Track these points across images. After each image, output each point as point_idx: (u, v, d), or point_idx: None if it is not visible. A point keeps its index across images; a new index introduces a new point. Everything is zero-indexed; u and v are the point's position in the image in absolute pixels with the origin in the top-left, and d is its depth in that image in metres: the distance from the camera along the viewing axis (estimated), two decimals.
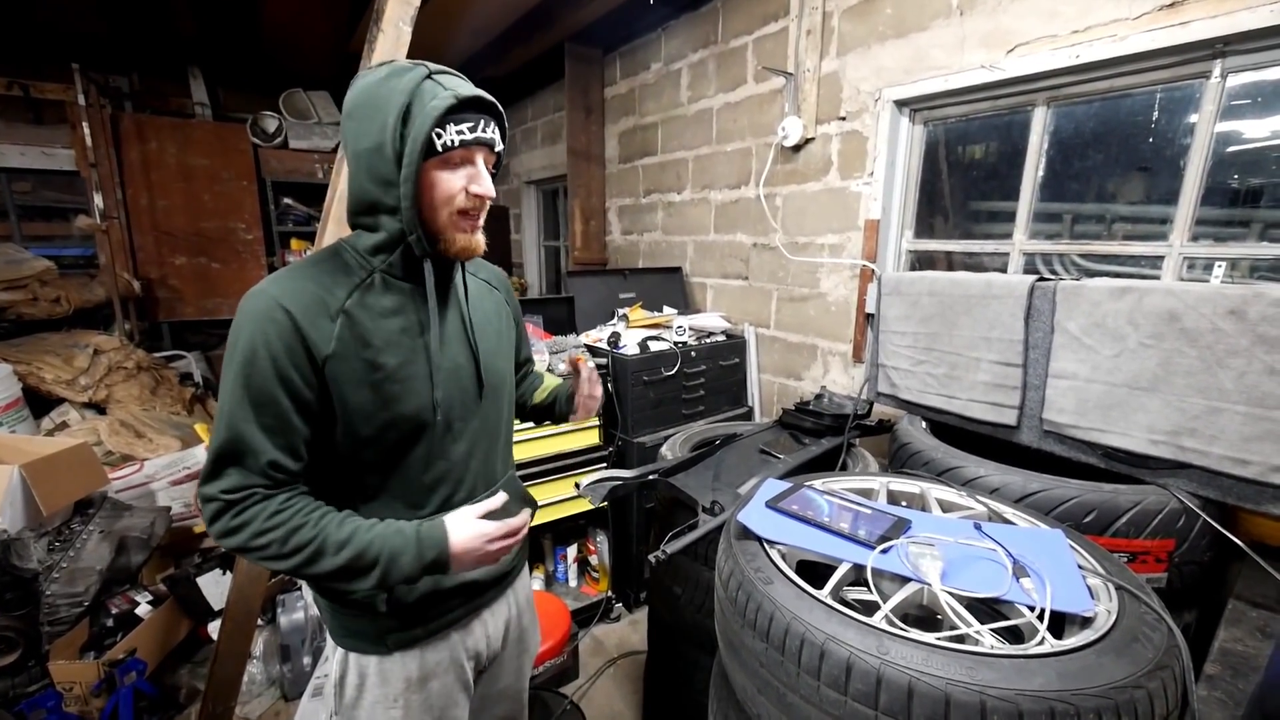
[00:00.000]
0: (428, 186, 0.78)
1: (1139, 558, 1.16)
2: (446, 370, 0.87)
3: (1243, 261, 1.46)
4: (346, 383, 0.78)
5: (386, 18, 1.51)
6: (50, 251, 3.37)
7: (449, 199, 0.79)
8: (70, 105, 3.29)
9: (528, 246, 4.79)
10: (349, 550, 0.76)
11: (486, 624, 1.01)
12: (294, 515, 0.76)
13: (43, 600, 1.76)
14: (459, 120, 0.76)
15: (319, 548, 0.76)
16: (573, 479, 2.25)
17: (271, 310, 0.74)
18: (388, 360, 0.80)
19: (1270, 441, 1.07)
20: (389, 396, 0.81)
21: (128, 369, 3.03)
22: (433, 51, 3.44)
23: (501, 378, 0.98)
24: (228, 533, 0.75)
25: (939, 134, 2.05)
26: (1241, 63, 1.39)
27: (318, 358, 0.76)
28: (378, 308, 0.81)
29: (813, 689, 0.76)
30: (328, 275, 0.80)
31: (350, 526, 0.79)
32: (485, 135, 0.79)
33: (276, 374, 0.74)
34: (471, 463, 0.93)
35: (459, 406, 0.89)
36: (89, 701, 1.74)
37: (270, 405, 0.74)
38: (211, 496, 0.75)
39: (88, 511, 2.03)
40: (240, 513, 0.75)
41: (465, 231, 0.82)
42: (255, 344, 0.73)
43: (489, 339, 0.95)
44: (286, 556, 0.75)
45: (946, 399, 1.57)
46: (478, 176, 0.80)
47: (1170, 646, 0.75)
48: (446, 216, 0.80)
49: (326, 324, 0.76)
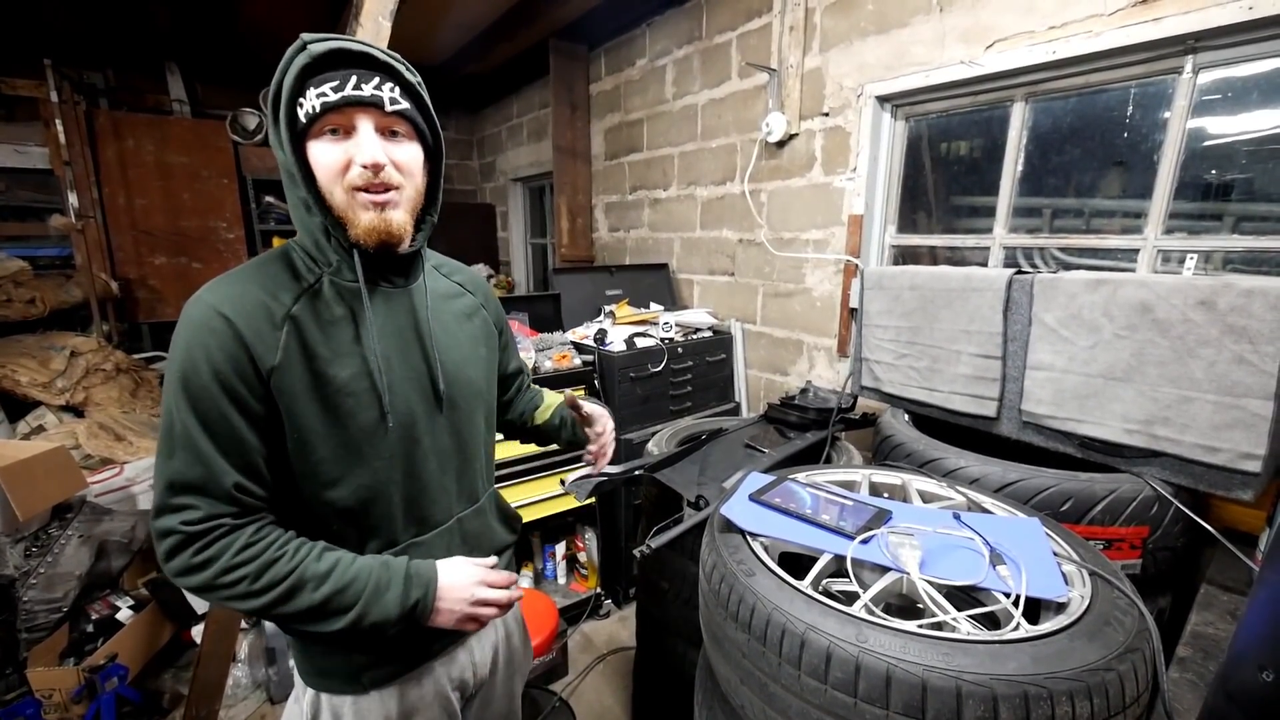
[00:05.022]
0: (313, 165, 0.69)
1: (1114, 544, 1.19)
2: (402, 378, 0.79)
3: (1215, 254, 1.49)
4: (295, 397, 0.71)
5: (365, 11, 1.50)
6: (25, 252, 3.29)
7: (334, 176, 0.69)
8: (43, 102, 3.21)
9: (515, 244, 4.77)
10: (329, 585, 0.70)
11: (473, 651, 0.93)
12: (269, 547, 0.69)
13: (20, 606, 1.73)
14: (320, 82, 0.66)
15: (296, 583, 0.69)
16: (559, 476, 2.25)
17: (209, 319, 0.67)
18: (339, 372, 0.73)
19: (1239, 429, 1.09)
20: (342, 411, 0.73)
21: (106, 371, 2.97)
22: (415, 46, 3.41)
23: (474, 388, 0.89)
24: (189, 570, 0.67)
25: (921, 129, 2.07)
26: (1212, 59, 1.42)
27: (263, 369, 0.68)
28: (327, 314, 0.74)
29: (794, 678, 0.77)
30: (273, 279, 0.72)
31: (332, 558, 0.72)
32: (358, 93, 0.67)
33: (221, 387, 0.67)
34: (445, 481, 0.85)
35: (422, 419, 0.81)
36: (69, 708, 1.71)
37: (221, 422, 0.67)
38: (170, 529, 0.66)
39: (66, 516, 1.99)
40: (206, 547, 0.67)
41: (368, 209, 0.71)
42: (194, 357, 0.66)
43: (457, 345, 0.87)
44: (258, 594, 0.68)
45: (928, 392, 1.59)
46: (358, 144, 0.69)
47: (1141, 630, 0.77)
48: (342, 196, 0.70)
49: (271, 332, 0.69)
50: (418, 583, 0.75)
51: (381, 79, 0.70)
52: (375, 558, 0.75)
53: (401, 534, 0.81)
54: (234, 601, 0.68)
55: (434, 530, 0.84)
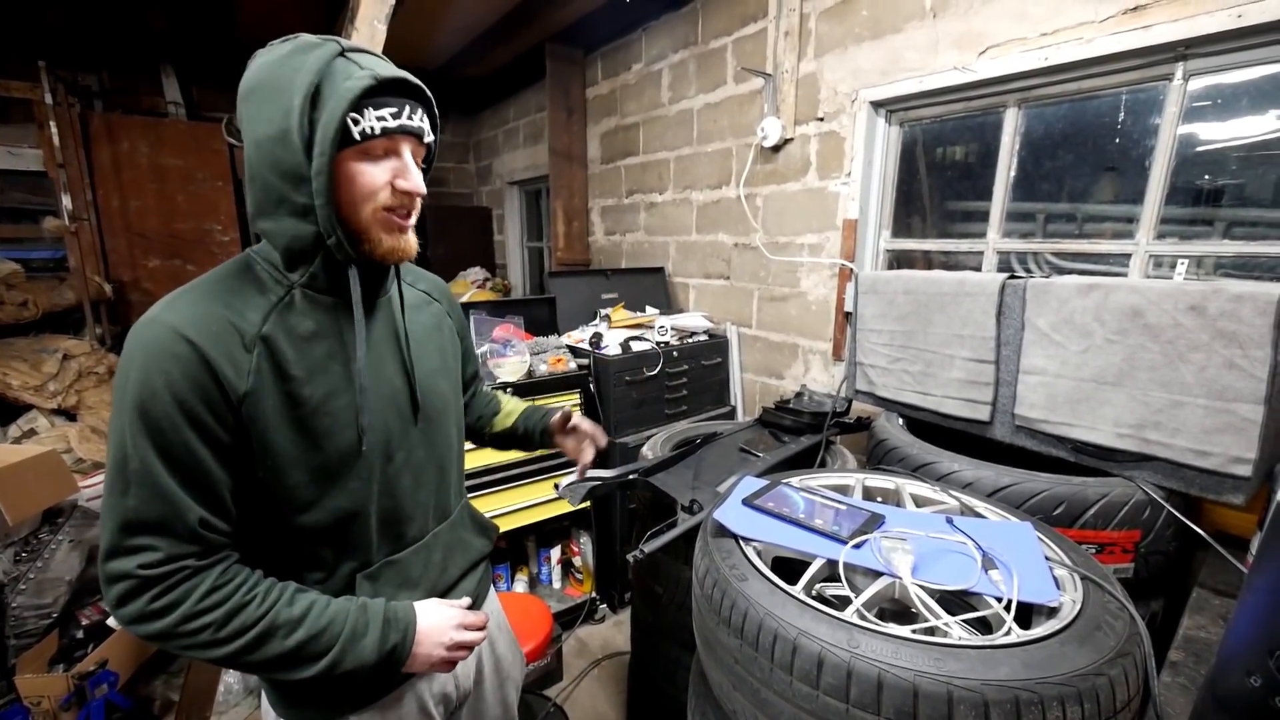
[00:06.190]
0: (345, 181, 0.67)
1: (1107, 549, 1.19)
2: (380, 395, 0.76)
3: (1207, 259, 1.50)
4: (268, 423, 0.67)
5: (361, 15, 1.50)
6: (17, 254, 3.27)
7: (370, 195, 0.68)
8: (37, 104, 3.20)
9: (511, 247, 4.77)
10: (303, 631, 0.66)
11: None
12: (236, 591, 0.65)
13: (9, 612, 1.71)
14: (379, 105, 0.66)
15: (267, 629, 0.65)
16: (552, 480, 2.24)
17: (171, 343, 0.61)
18: (312, 392, 0.69)
19: (1230, 433, 1.10)
20: (318, 433, 0.70)
21: (99, 374, 2.96)
22: (412, 50, 3.41)
23: (445, 400, 0.88)
24: (144, 617, 0.62)
25: (915, 135, 2.08)
26: (1202, 65, 1.43)
27: (233, 396, 0.64)
28: (299, 330, 0.70)
29: (786, 684, 0.77)
30: (237, 295, 0.67)
31: (305, 601, 0.68)
32: (411, 123, 0.69)
33: (186, 417, 0.62)
34: (420, 496, 0.83)
35: (398, 435, 0.79)
36: (58, 716, 1.69)
37: (185, 454, 0.62)
38: (123, 573, 0.61)
39: (56, 521, 1.98)
40: (166, 591, 0.62)
41: (393, 231, 0.71)
42: (154, 385, 0.61)
43: (430, 357, 0.86)
44: (222, 643, 0.63)
45: (922, 396, 1.59)
46: (405, 170, 0.69)
47: (1132, 634, 0.77)
48: (370, 214, 0.69)
49: (242, 355, 0.65)
50: (396, 627, 0.73)
51: (423, 110, 0.72)
52: (351, 600, 0.72)
53: (376, 553, 0.79)
54: (194, 651, 0.64)
55: (410, 547, 0.83)
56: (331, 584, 0.76)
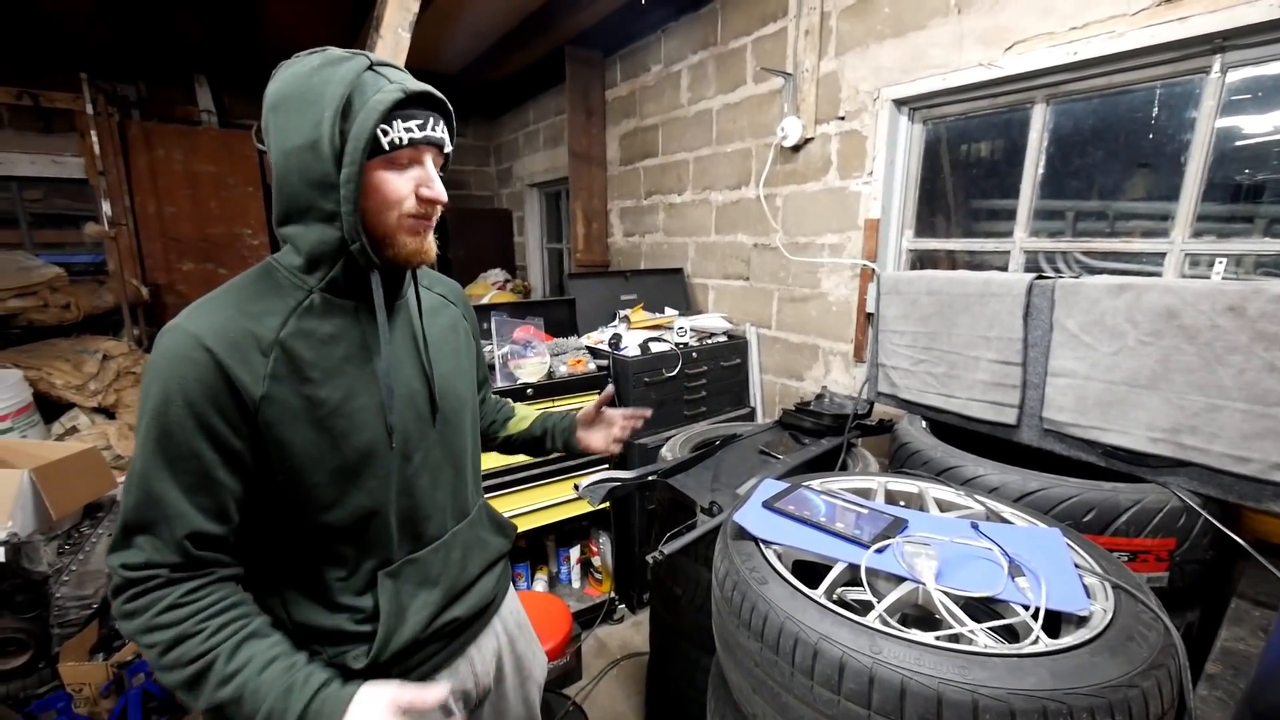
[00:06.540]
0: (372, 188, 0.69)
1: (1140, 557, 1.16)
2: (399, 396, 0.78)
3: (1246, 258, 1.45)
4: (286, 426, 0.69)
5: (385, 23, 1.53)
6: (60, 259, 3.41)
7: (396, 202, 0.71)
8: (79, 114, 3.34)
9: (531, 249, 4.81)
10: (231, 688, 0.63)
11: (473, 661, 0.92)
12: (190, 616, 0.64)
13: (53, 603, 1.78)
14: (407, 116, 0.69)
15: (201, 670, 0.63)
16: (572, 480, 2.26)
17: (189, 349, 0.64)
18: (331, 394, 0.71)
19: (1270, 439, 1.06)
20: (337, 434, 0.72)
21: (136, 374, 3.06)
22: (432, 55, 3.46)
23: (462, 400, 0.90)
24: (123, 615, 0.64)
25: (938, 133, 2.04)
26: (1242, 57, 1.38)
27: (248, 402, 0.66)
28: (318, 334, 0.72)
29: (806, 688, 0.76)
30: (257, 301, 0.70)
31: (244, 656, 0.64)
32: (435, 134, 0.72)
33: (196, 422, 0.64)
34: (438, 495, 0.85)
35: (416, 436, 0.81)
36: (98, 703, 1.76)
37: (189, 460, 0.64)
38: (113, 568, 0.64)
39: (97, 515, 2.06)
40: (136, 596, 0.64)
41: (416, 235, 0.74)
42: (169, 390, 0.63)
43: (446, 359, 0.88)
44: (166, 669, 0.63)
45: (946, 398, 1.57)
46: (429, 179, 0.73)
47: (1166, 645, 0.75)
48: (395, 220, 0.72)
49: (259, 360, 0.67)
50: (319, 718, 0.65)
51: (444, 122, 0.74)
52: (289, 674, 0.65)
53: (397, 551, 0.81)
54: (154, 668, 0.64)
55: (429, 545, 0.84)
56: (354, 581, 0.78)
